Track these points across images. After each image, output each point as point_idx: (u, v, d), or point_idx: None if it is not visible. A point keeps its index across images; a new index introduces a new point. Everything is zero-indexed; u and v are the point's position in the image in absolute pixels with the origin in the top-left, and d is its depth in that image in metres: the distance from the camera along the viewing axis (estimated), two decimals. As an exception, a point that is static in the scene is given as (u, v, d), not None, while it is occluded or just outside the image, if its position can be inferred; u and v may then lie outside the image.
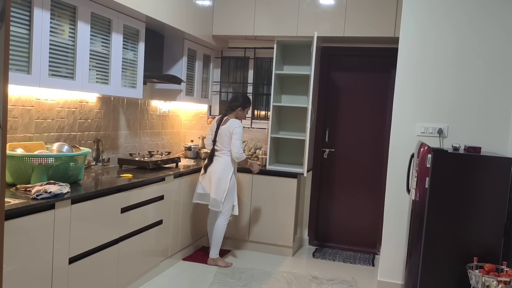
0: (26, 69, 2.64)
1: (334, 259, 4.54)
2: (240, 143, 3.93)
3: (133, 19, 3.60)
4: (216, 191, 3.96)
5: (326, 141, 4.95)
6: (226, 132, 3.96)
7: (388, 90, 4.64)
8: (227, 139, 3.97)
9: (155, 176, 3.58)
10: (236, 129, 3.93)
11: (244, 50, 5.15)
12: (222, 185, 3.96)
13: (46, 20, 2.73)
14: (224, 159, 4.00)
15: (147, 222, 3.49)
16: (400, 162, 3.57)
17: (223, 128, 3.99)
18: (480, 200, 2.94)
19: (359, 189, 4.86)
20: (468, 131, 3.42)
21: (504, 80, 3.36)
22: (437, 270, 2.98)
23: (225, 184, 3.96)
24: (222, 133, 3.98)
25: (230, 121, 3.99)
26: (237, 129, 3.94)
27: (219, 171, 3.97)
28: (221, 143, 4.00)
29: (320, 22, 4.43)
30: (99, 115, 3.79)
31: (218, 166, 3.98)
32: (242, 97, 4.14)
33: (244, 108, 4.11)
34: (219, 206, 3.99)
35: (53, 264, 2.51)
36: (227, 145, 3.98)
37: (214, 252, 4.09)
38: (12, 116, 2.91)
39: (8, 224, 2.13)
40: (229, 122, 3.99)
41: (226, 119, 4.03)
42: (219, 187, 3.96)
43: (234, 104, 4.08)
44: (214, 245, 4.08)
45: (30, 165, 2.63)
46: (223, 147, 4.00)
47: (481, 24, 3.38)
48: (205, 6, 4.57)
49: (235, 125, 3.95)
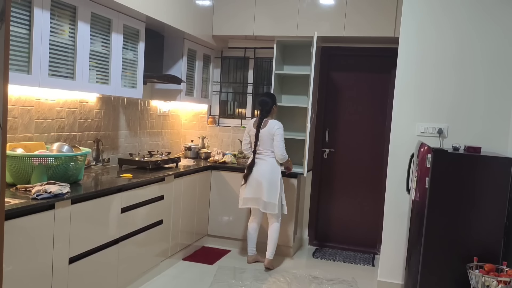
0: (26, 69, 2.64)
1: (334, 259, 4.54)
2: (283, 144, 4.00)
3: (133, 19, 3.60)
4: (270, 194, 3.97)
5: (326, 141, 4.95)
6: (268, 134, 3.99)
7: (388, 90, 4.64)
8: (269, 141, 3.99)
9: (155, 176, 3.58)
10: (278, 130, 3.98)
11: (244, 50, 5.15)
12: (274, 187, 3.98)
13: (46, 20, 2.73)
14: (270, 161, 4.02)
15: (147, 222, 3.49)
16: (400, 162, 3.57)
17: (264, 131, 4.00)
18: (480, 200, 2.94)
19: (359, 189, 4.86)
20: (468, 131, 3.42)
21: (504, 80, 3.36)
22: (437, 270, 2.98)
23: (277, 186, 3.99)
24: (264, 135, 4.00)
25: (270, 123, 4.02)
26: (279, 130, 3.98)
27: (268, 174, 3.99)
28: (263, 145, 4.02)
29: (320, 22, 4.43)
30: (99, 115, 3.79)
31: (266, 168, 4.00)
32: (268, 96, 4.13)
33: (276, 104, 4.17)
34: (275, 209, 3.99)
35: (53, 264, 2.51)
36: (270, 147, 4.01)
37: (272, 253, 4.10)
38: (12, 116, 2.90)
39: (8, 224, 2.13)
40: (269, 123, 4.01)
41: (265, 121, 4.03)
42: (272, 189, 3.98)
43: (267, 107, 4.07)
44: (274, 246, 4.10)
45: (30, 165, 2.63)
46: (266, 149, 4.02)
47: (481, 23, 3.38)
48: (205, 6, 4.57)
49: (277, 126, 3.99)
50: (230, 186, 4.54)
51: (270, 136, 3.98)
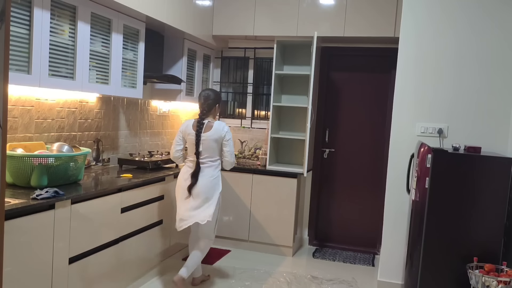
0: (26, 69, 2.64)
1: (334, 259, 4.54)
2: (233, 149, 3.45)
3: (133, 19, 3.60)
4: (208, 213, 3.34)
5: (326, 141, 4.95)
6: (212, 140, 3.34)
7: (388, 90, 4.64)
8: (214, 148, 3.36)
9: (155, 176, 3.58)
10: (228, 134, 3.38)
11: (244, 50, 5.15)
12: (213, 206, 3.36)
13: (46, 20, 2.73)
14: (213, 174, 3.37)
15: (147, 222, 3.49)
16: (400, 162, 3.57)
17: (208, 136, 3.33)
18: (480, 200, 2.94)
19: (359, 189, 4.86)
20: (468, 131, 3.42)
21: (504, 80, 3.36)
22: (437, 270, 2.98)
23: (217, 204, 3.40)
24: (207, 141, 3.33)
25: (216, 126, 3.35)
26: (229, 133, 3.39)
27: (209, 189, 3.35)
28: (206, 152, 3.35)
29: (320, 22, 4.43)
30: (99, 115, 3.79)
31: (207, 182, 3.34)
32: (212, 91, 3.48)
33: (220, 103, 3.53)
34: (212, 229, 3.48)
35: (53, 264, 2.51)
36: (213, 154, 3.37)
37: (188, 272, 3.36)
38: (12, 116, 2.90)
39: (8, 224, 2.13)
40: (214, 127, 3.35)
41: (208, 123, 3.36)
42: (210, 208, 3.34)
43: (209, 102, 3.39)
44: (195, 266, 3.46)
45: (30, 165, 2.63)
46: (208, 157, 3.36)
47: (480, 24, 3.38)
48: (205, 6, 4.57)
49: (226, 129, 3.38)
50: (230, 186, 4.54)
51: (215, 142, 3.34)
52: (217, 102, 3.45)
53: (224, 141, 3.37)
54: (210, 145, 3.35)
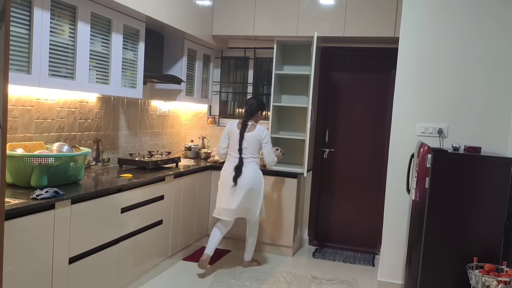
0: (26, 69, 2.64)
1: (334, 259, 4.54)
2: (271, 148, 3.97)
3: (133, 19, 3.60)
4: (253, 202, 3.89)
5: (326, 141, 4.95)
6: (254, 139, 3.88)
7: (388, 90, 4.64)
8: (255, 146, 3.90)
9: (155, 176, 3.58)
10: (268, 137, 3.92)
11: (244, 50, 5.15)
12: (257, 196, 3.91)
13: (46, 20, 2.73)
14: (255, 168, 3.91)
15: (147, 222, 3.49)
16: (400, 162, 3.57)
17: (250, 135, 3.88)
18: (480, 200, 2.94)
19: (359, 189, 4.86)
20: (468, 131, 3.42)
21: (504, 80, 3.36)
22: (437, 270, 2.98)
23: (260, 194, 3.92)
24: (249, 140, 3.88)
25: (258, 128, 3.91)
26: (268, 137, 3.94)
27: (252, 181, 3.86)
28: (248, 150, 3.89)
29: (320, 22, 4.43)
30: (99, 115, 3.79)
31: (251, 175, 3.86)
32: (255, 99, 4.06)
33: (263, 111, 4.09)
34: (256, 215, 3.96)
35: (53, 264, 2.51)
36: (254, 152, 3.91)
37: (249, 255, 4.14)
38: (12, 116, 2.91)
39: (8, 224, 2.13)
40: (257, 128, 3.91)
41: (252, 125, 3.92)
42: (256, 198, 3.90)
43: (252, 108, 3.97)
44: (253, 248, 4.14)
45: (30, 165, 2.63)
46: (249, 154, 3.89)
47: (481, 24, 3.38)
48: (205, 6, 4.57)
49: (266, 132, 3.92)
50: (230, 186, 4.54)
51: (256, 142, 3.89)
52: (259, 109, 4.00)
53: (263, 143, 3.91)
54: (252, 142, 3.88)
